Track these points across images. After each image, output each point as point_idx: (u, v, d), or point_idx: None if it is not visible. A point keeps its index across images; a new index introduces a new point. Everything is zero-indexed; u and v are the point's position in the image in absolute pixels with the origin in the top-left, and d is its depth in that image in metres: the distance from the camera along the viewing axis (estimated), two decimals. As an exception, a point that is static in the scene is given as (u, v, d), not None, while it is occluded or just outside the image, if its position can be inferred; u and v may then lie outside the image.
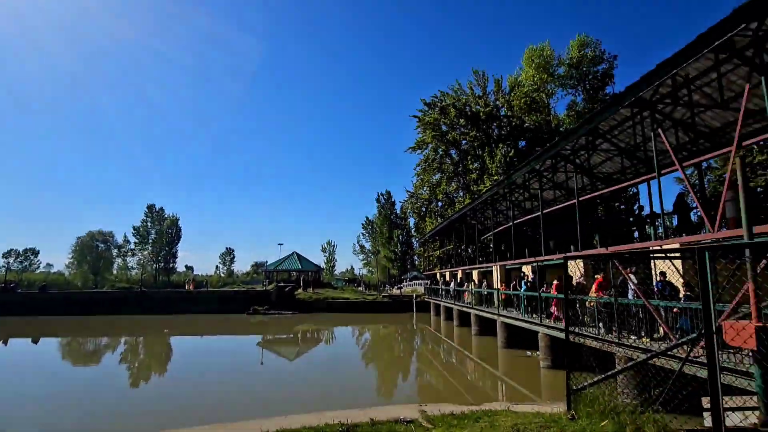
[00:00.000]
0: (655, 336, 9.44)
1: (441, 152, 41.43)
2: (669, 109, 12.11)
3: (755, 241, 3.38)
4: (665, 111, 12.45)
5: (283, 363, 16.69)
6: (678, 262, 11.85)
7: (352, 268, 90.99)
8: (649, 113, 10.93)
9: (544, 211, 18.95)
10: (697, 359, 7.82)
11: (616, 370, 5.70)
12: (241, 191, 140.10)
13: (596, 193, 15.64)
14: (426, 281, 42.82)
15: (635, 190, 30.67)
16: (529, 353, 16.08)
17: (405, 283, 59.21)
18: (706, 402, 6.11)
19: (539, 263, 16.57)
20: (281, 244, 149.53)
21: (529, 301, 15.45)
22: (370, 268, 76.12)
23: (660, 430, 4.23)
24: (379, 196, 72.02)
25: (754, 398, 5.30)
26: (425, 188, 43.14)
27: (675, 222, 13.75)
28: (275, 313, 36.90)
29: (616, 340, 10.09)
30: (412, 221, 54.38)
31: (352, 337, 25.92)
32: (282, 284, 44.54)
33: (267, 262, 65.85)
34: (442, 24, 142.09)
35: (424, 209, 44.63)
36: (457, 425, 5.19)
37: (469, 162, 39.10)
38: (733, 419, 4.95)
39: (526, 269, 19.07)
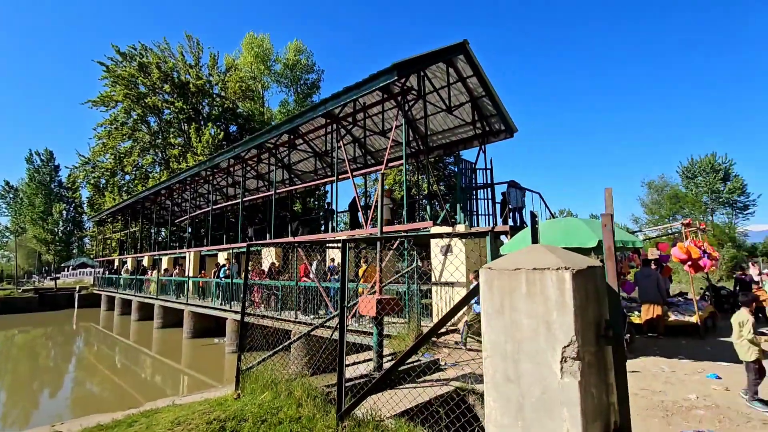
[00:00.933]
0: (320, 312, 11.42)
1: (136, 117, 34.99)
2: (351, 126, 14.99)
3: (380, 236, 4.63)
4: (348, 128, 15.33)
5: None
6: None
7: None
8: (336, 127, 13.16)
9: (246, 199, 19.40)
10: (348, 328, 10.08)
11: (282, 345, 6.48)
12: None
13: (293, 188, 17.41)
14: (100, 269, 35.14)
15: (328, 189, 36.14)
16: (216, 341, 16.01)
17: (67, 272, 46.61)
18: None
19: (234, 250, 16.80)
20: None
21: (228, 289, 15.40)
22: (6, 253, 55.24)
23: (306, 389, 5.08)
24: (32, 154, 53.36)
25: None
26: (108, 155, 35.24)
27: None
28: None
29: (293, 318, 11.56)
30: (84, 194, 43.01)
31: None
32: None
33: None
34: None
35: (104, 181, 36.39)
36: (104, 437, 4.50)
37: (172, 135, 34.98)
38: (362, 370, 6.63)
39: (223, 256, 18.93)
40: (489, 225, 12.75)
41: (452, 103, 13.35)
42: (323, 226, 22.39)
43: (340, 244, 4.60)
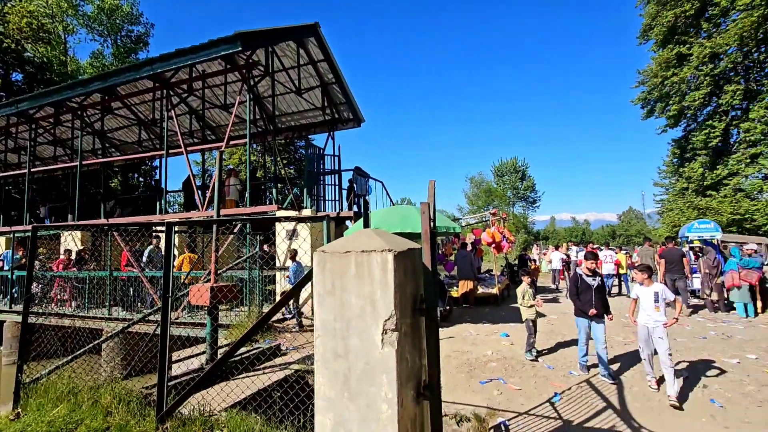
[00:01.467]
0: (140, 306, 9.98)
1: None
2: (186, 96, 13.31)
3: (215, 219, 4.28)
4: (184, 96, 13.57)
5: None
6: (178, 236, 13.19)
7: None
8: (166, 93, 11.51)
9: (37, 170, 15.40)
10: (178, 321, 9.07)
11: (86, 348, 5.46)
12: None
13: (108, 159, 14.56)
14: None
15: (157, 164, 31.32)
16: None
17: None
18: (175, 356, 7.15)
19: (16, 234, 13.23)
20: None
21: (4, 283, 11.95)
22: None
23: (117, 395, 4.42)
24: None
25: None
26: None
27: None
28: None
29: (106, 315, 9.80)
30: None
31: None
32: None
33: None
34: None
35: None
36: None
37: None
38: (195, 364, 6.07)
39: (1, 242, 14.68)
40: (335, 210, 13.14)
41: (302, 85, 13.15)
42: (150, 208, 19.38)
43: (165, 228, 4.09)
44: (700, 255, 12.07)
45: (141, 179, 33.50)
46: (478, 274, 14.31)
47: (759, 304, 10.26)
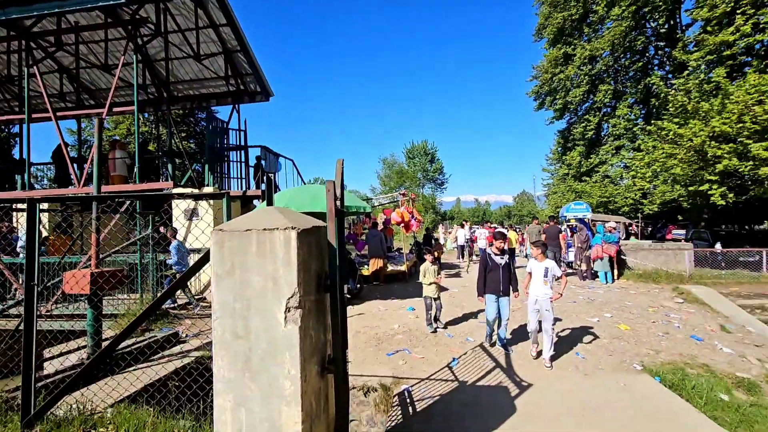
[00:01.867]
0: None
1: None
2: (54, 50, 11.56)
3: (95, 196, 3.92)
4: (51, 51, 11.77)
5: None
6: (46, 216, 11.65)
7: None
8: (26, 45, 9.91)
9: None
10: (52, 312, 8.07)
11: None
12: None
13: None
14: None
15: (17, 130, 26.77)
16: None
17: None
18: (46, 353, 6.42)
19: None
20: None
21: None
22: None
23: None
24: None
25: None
26: None
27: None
28: None
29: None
30: None
31: None
32: None
33: None
34: None
35: None
36: None
37: None
38: (74, 359, 5.51)
39: None
40: (242, 189, 12.62)
41: (202, 51, 12.23)
42: (10, 184, 16.58)
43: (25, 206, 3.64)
44: (575, 231, 14.53)
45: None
46: (388, 253, 14.95)
47: (615, 272, 12.49)
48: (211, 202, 10.13)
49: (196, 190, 10.41)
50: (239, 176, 12.61)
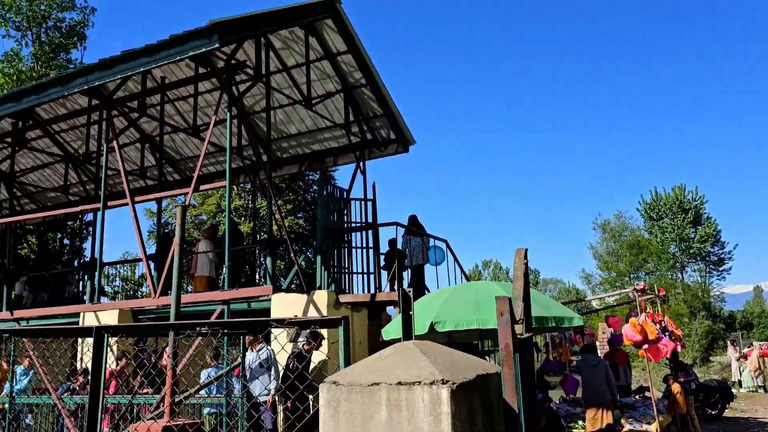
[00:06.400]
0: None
1: None
2: (138, 117, 14.70)
3: (172, 323, 4.78)
4: (133, 117, 15.00)
5: None
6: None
7: None
8: (107, 114, 12.81)
9: None
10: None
11: None
12: None
13: (17, 218, 16.12)
14: None
15: (91, 218, 33.17)
16: None
17: None
18: None
19: None
20: None
21: None
22: None
23: None
24: None
25: None
26: None
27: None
28: None
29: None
30: None
31: None
32: None
33: None
34: None
35: None
36: None
37: None
38: None
39: None
40: (369, 291, 13.36)
41: (314, 92, 14.11)
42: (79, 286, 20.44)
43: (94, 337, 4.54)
44: None
45: (67, 241, 35.90)
46: (621, 398, 13.81)
47: None
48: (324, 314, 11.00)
49: (300, 298, 11.45)
50: (365, 270, 13.48)
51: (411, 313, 4.13)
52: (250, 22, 10.72)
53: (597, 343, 13.31)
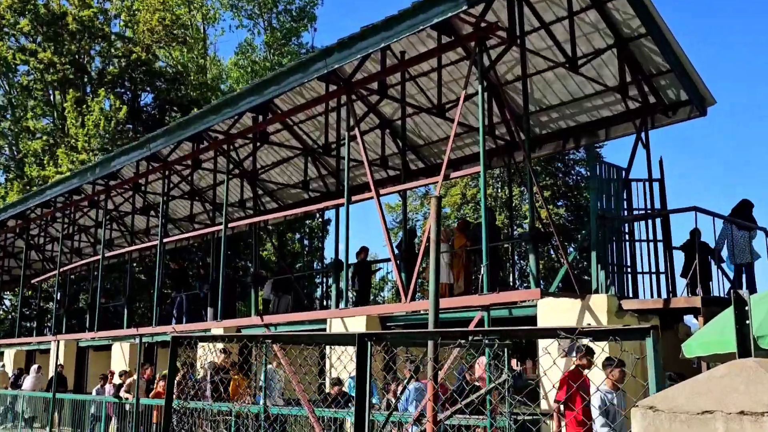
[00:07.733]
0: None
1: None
2: (379, 100, 15.37)
3: (431, 330, 4.72)
4: (373, 101, 15.73)
5: None
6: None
7: None
8: (347, 99, 13.53)
9: (169, 239, 19.84)
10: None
11: None
12: None
13: (260, 218, 17.79)
14: None
15: (330, 215, 35.53)
16: None
17: None
18: None
19: (142, 339, 17.20)
20: None
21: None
22: None
23: None
24: None
25: None
26: None
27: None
28: None
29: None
30: None
31: None
32: None
33: None
34: None
35: None
36: None
37: (32, 114, 36.67)
38: None
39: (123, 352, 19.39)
40: (657, 294, 12.56)
41: (579, 51, 13.52)
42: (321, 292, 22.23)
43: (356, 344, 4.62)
44: None
45: (305, 241, 39.37)
46: None
47: None
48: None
49: (575, 303, 11.00)
50: (652, 269, 12.66)
51: (748, 322, 3.60)
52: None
53: None
